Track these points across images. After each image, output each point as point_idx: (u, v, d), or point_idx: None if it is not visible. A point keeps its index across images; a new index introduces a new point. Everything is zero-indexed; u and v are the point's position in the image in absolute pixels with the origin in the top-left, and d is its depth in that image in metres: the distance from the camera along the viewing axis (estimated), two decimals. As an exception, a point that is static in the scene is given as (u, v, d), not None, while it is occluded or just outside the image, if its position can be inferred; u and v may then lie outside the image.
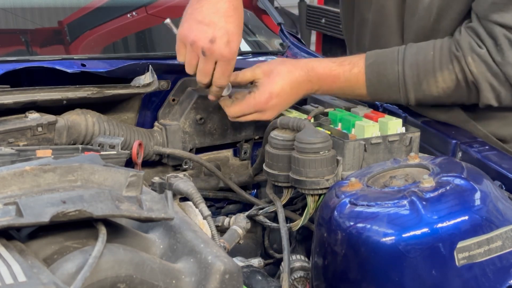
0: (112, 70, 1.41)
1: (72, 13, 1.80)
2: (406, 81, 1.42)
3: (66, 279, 0.77)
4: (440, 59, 1.40)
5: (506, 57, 1.36)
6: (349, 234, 1.10)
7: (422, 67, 1.41)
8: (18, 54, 1.58)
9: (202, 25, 1.33)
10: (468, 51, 1.38)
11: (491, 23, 1.36)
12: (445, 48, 1.41)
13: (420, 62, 1.41)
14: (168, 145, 1.50)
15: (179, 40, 1.37)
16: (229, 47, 1.34)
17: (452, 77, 1.40)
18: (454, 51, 1.39)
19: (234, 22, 1.35)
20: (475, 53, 1.37)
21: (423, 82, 1.41)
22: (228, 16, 1.34)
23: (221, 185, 1.55)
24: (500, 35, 1.35)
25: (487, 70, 1.37)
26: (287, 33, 1.94)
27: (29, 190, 0.86)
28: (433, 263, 1.05)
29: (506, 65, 1.36)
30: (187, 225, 0.94)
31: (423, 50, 1.43)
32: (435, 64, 1.41)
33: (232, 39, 1.35)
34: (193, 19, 1.34)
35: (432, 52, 1.41)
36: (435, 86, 1.42)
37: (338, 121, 1.43)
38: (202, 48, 1.33)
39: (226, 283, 0.85)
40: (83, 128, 1.36)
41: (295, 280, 1.32)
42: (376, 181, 1.21)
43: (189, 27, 1.34)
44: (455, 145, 1.43)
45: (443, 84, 1.41)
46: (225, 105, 1.46)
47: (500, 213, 1.11)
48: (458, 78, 1.40)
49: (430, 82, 1.41)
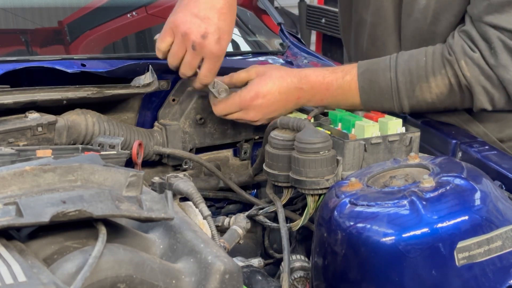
0: (112, 70, 1.41)
1: (72, 13, 1.80)
2: (399, 87, 1.42)
3: (66, 279, 0.77)
4: (432, 64, 1.40)
5: (499, 60, 1.35)
6: (349, 234, 1.10)
7: (415, 72, 1.41)
8: (18, 54, 1.58)
9: (196, 19, 1.33)
10: (460, 55, 1.37)
11: (485, 25, 1.36)
12: (437, 53, 1.40)
13: (412, 68, 1.41)
14: (168, 145, 1.50)
15: (168, 27, 1.36)
16: (219, 45, 1.35)
17: (445, 81, 1.40)
18: (447, 56, 1.39)
19: (226, 20, 1.35)
20: (468, 57, 1.37)
21: (416, 87, 1.41)
22: (222, 13, 1.34)
23: (221, 185, 1.55)
24: (494, 38, 1.35)
25: (480, 74, 1.37)
26: (287, 33, 1.94)
27: (29, 190, 0.86)
28: (433, 263, 1.05)
29: (499, 68, 1.35)
30: (187, 225, 0.94)
31: (415, 56, 1.42)
32: (428, 69, 1.40)
33: (223, 37, 1.35)
34: (188, 11, 1.34)
35: (425, 58, 1.41)
36: (429, 91, 1.41)
37: (338, 121, 1.43)
38: (193, 42, 1.33)
39: (226, 283, 0.85)
40: (83, 128, 1.36)
41: (295, 280, 1.32)
42: (376, 181, 1.21)
43: (183, 18, 1.33)
44: (455, 145, 1.43)
45: (436, 89, 1.40)
46: (212, 103, 1.46)
47: (500, 213, 1.11)
48: (451, 83, 1.39)
49: (423, 88, 1.41)
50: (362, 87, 1.43)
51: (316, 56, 1.89)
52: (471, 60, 1.37)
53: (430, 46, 1.43)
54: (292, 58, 1.83)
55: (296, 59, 1.83)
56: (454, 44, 1.39)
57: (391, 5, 1.55)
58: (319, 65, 1.82)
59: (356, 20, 1.69)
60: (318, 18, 3.90)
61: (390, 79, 1.42)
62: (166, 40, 1.37)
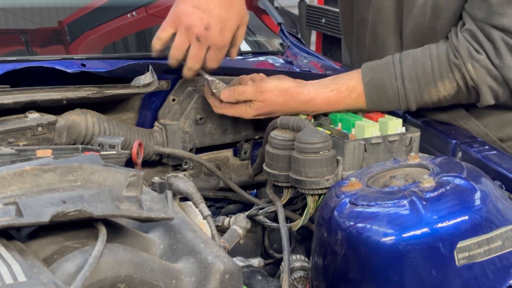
0: (112, 70, 1.41)
1: (72, 13, 1.80)
2: (407, 95, 1.42)
3: (66, 279, 0.77)
4: (439, 69, 1.40)
5: (504, 60, 1.36)
6: (349, 234, 1.10)
7: (422, 79, 1.41)
8: (18, 54, 1.58)
9: (198, 11, 1.34)
10: (467, 58, 1.38)
11: (489, 26, 1.36)
12: (443, 56, 1.40)
13: (419, 74, 1.41)
14: (168, 145, 1.50)
15: (171, 20, 1.37)
16: (222, 35, 1.36)
17: (453, 84, 1.40)
18: (453, 59, 1.39)
19: (228, 9, 1.36)
20: (474, 60, 1.37)
21: (424, 93, 1.42)
22: (222, 3, 1.35)
23: (221, 185, 1.55)
24: (498, 39, 1.35)
25: (487, 75, 1.38)
26: (287, 33, 1.94)
27: (29, 190, 0.86)
28: (433, 263, 1.05)
29: (504, 68, 1.36)
30: (187, 225, 0.94)
31: (419, 60, 1.41)
32: (435, 74, 1.40)
33: (225, 27, 1.36)
34: (190, 3, 1.35)
35: (430, 62, 1.41)
36: (436, 95, 1.42)
37: (338, 121, 1.43)
38: (197, 34, 1.34)
39: (226, 283, 0.85)
40: (83, 128, 1.36)
41: (295, 280, 1.32)
42: (376, 181, 1.21)
43: (185, 10, 1.34)
44: (455, 145, 1.43)
45: (444, 92, 1.41)
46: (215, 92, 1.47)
47: (500, 213, 1.11)
48: (459, 85, 1.40)
49: (432, 92, 1.41)
50: (369, 97, 1.43)
51: (316, 56, 1.89)
52: (478, 63, 1.37)
53: (433, 46, 1.43)
54: (292, 58, 1.83)
55: (296, 59, 1.83)
56: (459, 46, 1.39)
57: (392, 3, 1.55)
58: (319, 65, 1.82)
59: (358, 19, 1.69)
60: (318, 18, 3.89)
61: (397, 87, 1.42)
62: (167, 30, 1.38)
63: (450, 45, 1.41)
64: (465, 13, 1.42)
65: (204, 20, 1.34)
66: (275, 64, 1.77)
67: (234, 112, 1.47)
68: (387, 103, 1.44)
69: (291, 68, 1.74)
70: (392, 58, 1.45)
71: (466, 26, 1.41)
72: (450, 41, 1.42)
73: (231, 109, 1.46)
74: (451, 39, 1.42)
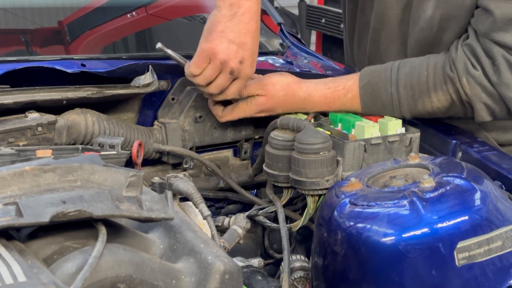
0: (112, 70, 1.41)
1: (72, 13, 1.80)
2: (400, 102, 1.42)
3: (66, 279, 0.77)
4: (434, 80, 1.40)
5: (502, 78, 1.34)
6: (349, 234, 1.10)
7: (416, 87, 1.41)
8: (18, 54, 1.58)
9: (233, 45, 1.35)
10: (463, 72, 1.37)
11: (490, 42, 1.35)
12: (439, 67, 1.40)
13: (414, 82, 1.41)
14: (168, 143, 1.50)
15: (205, 54, 1.37)
16: (252, 67, 1.40)
17: (447, 97, 1.40)
18: (448, 72, 1.38)
19: (257, 42, 1.40)
20: (470, 75, 1.36)
21: (418, 102, 1.42)
22: (255, 37, 1.38)
23: (221, 185, 1.55)
24: (498, 55, 1.34)
25: (482, 91, 1.37)
26: (287, 33, 1.94)
27: (29, 190, 0.86)
28: (433, 263, 1.05)
29: (502, 86, 1.35)
30: (187, 225, 0.94)
31: (416, 69, 1.41)
32: (429, 85, 1.40)
33: (255, 59, 1.40)
34: (225, 38, 1.35)
35: (426, 72, 1.40)
36: (430, 106, 1.42)
37: (338, 121, 1.43)
38: (232, 68, 1.36)
39: (226, 283, 0.85)
40: (83, 128, 1.36)
41: (295, 280, 1.32)
42: (376, 181, 1.21)
43: (220, 45, 1.35)
44: (455, 145, 1.43)
45: (438, 104, 1.41)
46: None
47: (500, 213, 1.11)
48: (453, 98, 1.40)
49: (425, 102, 1.41)
50: (363, 100, 1.44)
51: (316, 56, 1.89)
52: (473, 79, 1.36)
53: (433, 57, 1.42)
54: (292, 58, 1.83)
55: (296, 59, 1.83)
56: (457, 59, 1.38)
57: (396, 12, 1.55)
58: (319, 66, 1.82)
59: (362, 22, 1.70)
60: (318, 18, 3.89)
61: (391, 93, 1.42)
62: (201, 66, 1.38)
63: (449, 57, 1.40)
64: (470, 27, 1.41)
65: (240, 54, 1.36)
66: (275, 64, 1.77)
67: (236, 114, 1.48)
68: (381, 108, 1.44)
69: (291, 68, 1.74)
70: (392, 64, 1.45)
71: (468, 40, 1.40)
72: (450, 54, 1.41)
73: (233, 112, 1.48)
74: (451, 52, 1.41)
